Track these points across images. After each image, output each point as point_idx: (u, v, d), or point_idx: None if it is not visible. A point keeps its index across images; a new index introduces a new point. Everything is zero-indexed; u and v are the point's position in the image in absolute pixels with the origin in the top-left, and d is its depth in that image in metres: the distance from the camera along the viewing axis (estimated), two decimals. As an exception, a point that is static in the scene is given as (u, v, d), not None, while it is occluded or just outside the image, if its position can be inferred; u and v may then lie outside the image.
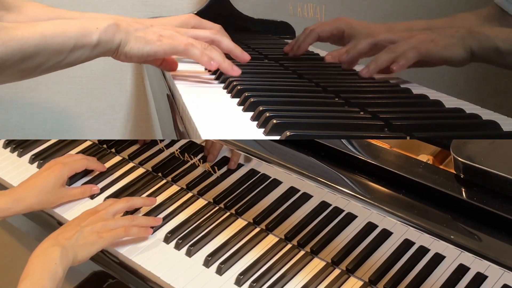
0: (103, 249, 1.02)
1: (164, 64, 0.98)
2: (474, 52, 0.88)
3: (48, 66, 0.85)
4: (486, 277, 0.83)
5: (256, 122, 0.77)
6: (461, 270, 0.85)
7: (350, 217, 0.96)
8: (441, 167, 0.90)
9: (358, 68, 1.06)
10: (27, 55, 0.81)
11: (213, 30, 0.99)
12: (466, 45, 0.88)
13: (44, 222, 1.13)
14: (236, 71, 0.94)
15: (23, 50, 0.81)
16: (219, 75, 0.98)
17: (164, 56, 0.93)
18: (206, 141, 1.08)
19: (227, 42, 0.97)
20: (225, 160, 1.08)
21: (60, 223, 1.10)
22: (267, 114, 0.75)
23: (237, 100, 0.86)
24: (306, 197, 0.99)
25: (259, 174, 1.05)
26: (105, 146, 1.25)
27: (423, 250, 0.89)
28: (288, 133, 0.71)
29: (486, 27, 0.95)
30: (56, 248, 0.92)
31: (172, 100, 0.93)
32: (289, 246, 1.01)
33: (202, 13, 1.40)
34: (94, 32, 0.85)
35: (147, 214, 1.09)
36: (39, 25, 0.84)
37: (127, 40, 0.88)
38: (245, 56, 0.99)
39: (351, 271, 0.94)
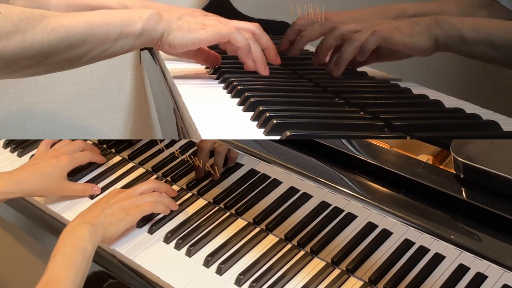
0: (103, 248, 1.02)
1: (210, 59, 0.98)
2: (439, 40, 0.87)
3: (94, 55, 0.85)
4: (486, 277, 0.83)
5: (256, 122, 0.77)
6: (461, 270, 0.85)
7: (350, 217, 0.96)
8: (441, 167, 0.90)
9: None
10: (74, 43, 0.82)
11: (256, 24, 0.98)
12: (431, 33, 0.88)
13: (44, 222, 1.13)
14: (266, 71, 0.95)
15: (71, 37, 0.82)
16: (219, 75, 0.98)
17: (208, 43, 0.93)
18: (196, 159, 1.08)
19: (266, 39, 0.97)
20: (225, 161, 1.08)
21: (60, 223, 1.10)
22: (267, 114, 0.75)
23: (237, 100, 0.86)
24: (306, 197, 0.99)
25: (259, 174, 1.05)
26: (105, 146, 1.25)
27: (423, 250, 0.89)
28: (288, 133, 0.71)
29: (474, 14, 0.94)
30: (84, 225, 0.93)
31: (172, 100, 0.93)
32: (289, 246, 1.01)
33: (202, 13, 1.40)
34: (137, 21, 0.86)
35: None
36: (84, 14, 0.84)
37: (170, 29, 0.88)
38: (278, 59, 0.99)
39: (351, 271, 0.94)
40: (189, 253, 1.00)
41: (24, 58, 0.80)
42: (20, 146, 1.26)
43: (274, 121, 0.73)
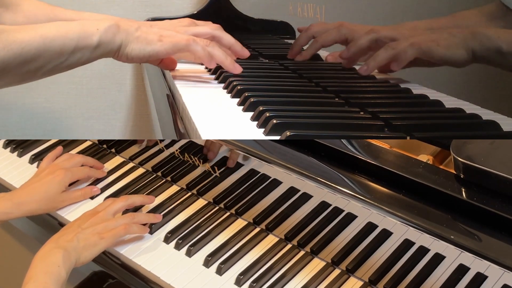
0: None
1: (163, 63, 0.98)
2: (476, 53, 0.87)
3: (49, 68, 0.84)
4: (486, 277, 0.83)
5: (256, 122, 0.77)
6: (461, 270, 0.85)
7: (350, 217, 0.96)
8: (441, 167, 0.90)
9: (358, 67, 1.06)
10: (28, 59, 0.81)
11: (213, 26, 0.98)
12: (468, 46, 0.87)
13: (45, 223, 1.13)
14: (237, 69, 0.94)
15: (25, 53, 0.80)
16: (219, 75, 0.98)
17: (166, 55, 0.92)
18: (206, 139, 1.08)
19: (227, 37, 0.97)
20: (225, 160, 1.08)
21: (61, 224, 1.10)
22: (267, 114, 0.75)
23: (237, 100, 0.86)
24: (306, 197, 0.99)
25: (259, 174, 1.05)
26: (105, 146, 1.25)
27: (423, 250, 0.89)
28: (288, 133, 0.71)
29: (489, 26, 0.94)
30: (58, 251, 0.91)
31: (172, 100, 0.93)
32: (289, 246, 1.01)
33: (202, 13, 1.40)
34: (94, 33, 0.85)
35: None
36: (40, 28, 0.83)
37: (128, 41, 0.87)
38: (245, 52, 0.98)
39: (351, 271, 0.94)
40: (189, 253, 1.01)
41: None
42: (20, 146, 1.26)
43: (274, 121, 0.73)
